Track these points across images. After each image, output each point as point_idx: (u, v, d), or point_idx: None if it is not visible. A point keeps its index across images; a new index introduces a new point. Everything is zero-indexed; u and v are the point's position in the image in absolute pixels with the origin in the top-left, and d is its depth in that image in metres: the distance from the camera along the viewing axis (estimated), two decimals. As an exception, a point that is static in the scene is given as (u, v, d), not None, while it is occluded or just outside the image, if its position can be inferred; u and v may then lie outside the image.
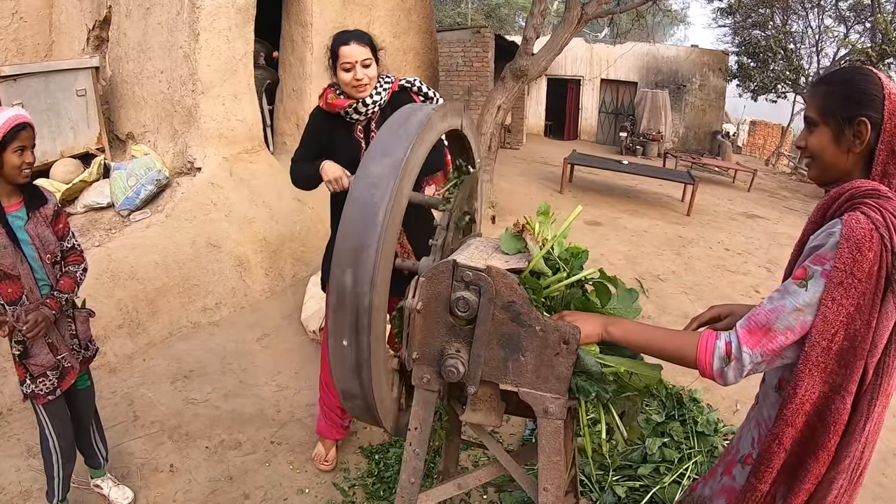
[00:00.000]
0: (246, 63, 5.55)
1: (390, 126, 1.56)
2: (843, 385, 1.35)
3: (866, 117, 1.39)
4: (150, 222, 4.82)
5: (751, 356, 1.38)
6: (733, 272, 7.26)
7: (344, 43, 2.61)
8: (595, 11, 8.14)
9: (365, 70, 2.62)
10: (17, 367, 2.42)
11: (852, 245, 1.29)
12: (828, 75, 1.53)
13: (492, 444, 1.92)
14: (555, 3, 22.51)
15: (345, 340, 1.43)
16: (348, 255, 1.39)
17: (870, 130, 1.40)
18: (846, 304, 1.30)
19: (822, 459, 1.39)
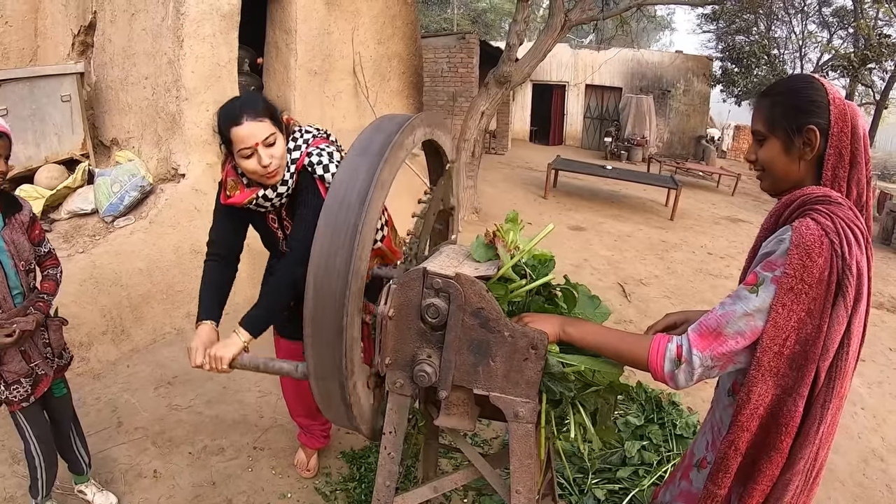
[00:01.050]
0: (230, 70, 5.57)
1: (330, 213, 1.49)
2: (796, 388, 1.37)
3: (814, 125, 1.42)
4: (133, 229, 4.83)
5: (701, 359, 1.41)
6: (716, 276, 7.34)
7: (234, 123, 2.06)
8: (579, 18, 8.23)
9: (270, 150, 2.12)
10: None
11: (802, 251, 1.31)
12: (771, 87, 1.56)
13: (466, 447, 1.96)
14: (540, 10, 22.63)
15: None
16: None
17: (819, 137, 1.42)
18: (797, 309, 1.33)
19: (775, 461, 1.42)
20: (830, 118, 1.42)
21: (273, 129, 2.12)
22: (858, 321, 1.38)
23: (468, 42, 12.91)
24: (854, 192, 1.44)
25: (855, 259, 1.33)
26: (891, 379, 5.10)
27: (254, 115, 2.07)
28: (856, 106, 1.46)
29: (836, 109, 1.42)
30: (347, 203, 1.49)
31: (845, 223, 1.34)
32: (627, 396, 3.86)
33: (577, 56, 20.56)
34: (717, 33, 22.20)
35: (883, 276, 8.36)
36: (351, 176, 1.53)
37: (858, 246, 1.35)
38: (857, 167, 1.43)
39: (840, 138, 1.42)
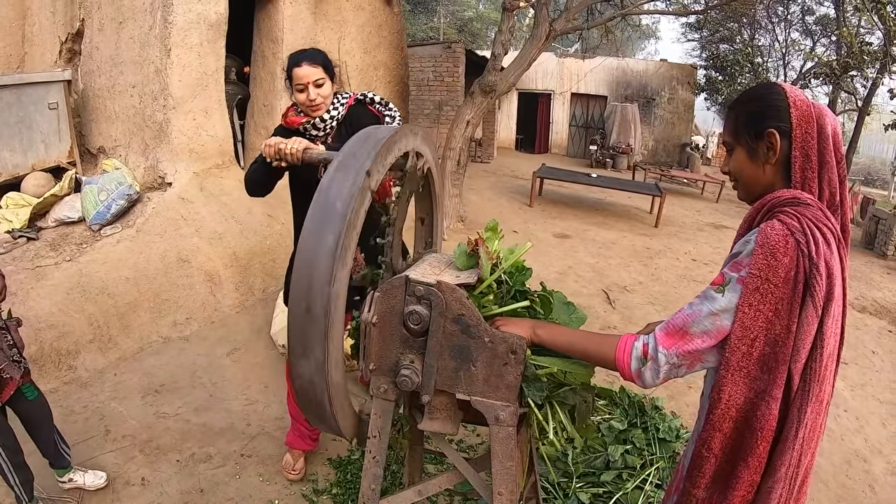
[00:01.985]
0: (217, 78, 5.60)
1: (315, 214, 1.53)
2: (768, 390, 1.37)
3: (774, 128, 1.45)
4: (120, 237, 4.84)
5: (666, 356, 1.44)
6: (700, 282, 7.41)
7: (296, 64, 2.68)
8: (564, 27, 8.31)
9: (318, 90, 2.70)
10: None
11: (767, 251, 1.33)
12: (735, 99, 1.60)
13: (449, 451, 2.00)
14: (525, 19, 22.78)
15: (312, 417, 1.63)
16: (302, 358, 1.52)
17: (780, 140, 1.45)
18: (764, 309, 1.34)
19: (752, 466, 1.40)
20: (792, 120, 1.44)
21: (323, 75, 2.70)
22: (832, 322, 1.37)
23: (454, 51, 13.00)
24: (826, 192, 1.45)
25: (824, 259, 1.34)
26: (873, 381, 5.18)
27: (310, 62, 2.67)
28: (823, 106, 1.48)
29: (797, 111, 1.44)
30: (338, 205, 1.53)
31: (813, 223, 1.36)
32: (611, 401, 3.91)
33: (562, 65, 20.72)
34: (701, 42, 22.46)
35: (866, 279, 8.48)
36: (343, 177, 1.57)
37: (828, 246, 1.36)
38: (827, 167, 1.44)
39: (805, 139, 1.44)
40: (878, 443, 4.23)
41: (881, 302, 7.47)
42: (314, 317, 1.45)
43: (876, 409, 4.69)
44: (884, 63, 13.64)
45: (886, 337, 6.29)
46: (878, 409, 4.70)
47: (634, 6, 10.48)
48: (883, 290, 8.08)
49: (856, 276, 8.63)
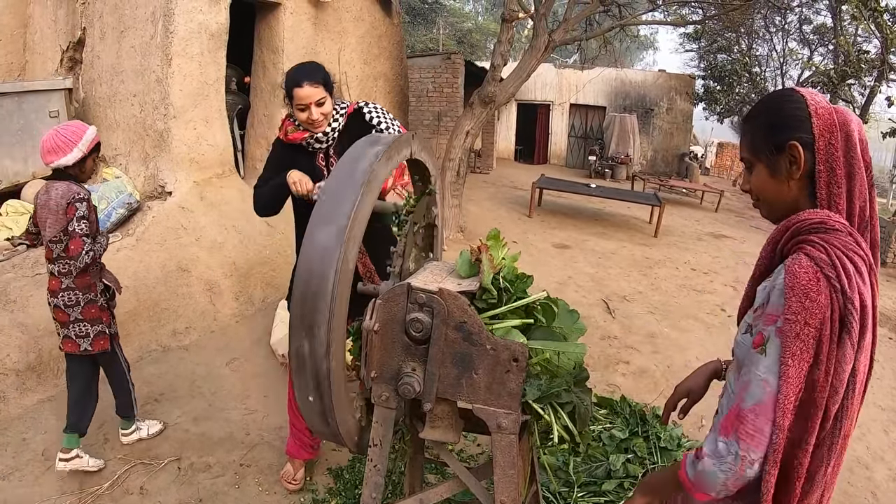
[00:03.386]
0: (218, 88, 5.62)
1: (332, 186, 1.59)
2: (804, 438, 1.26)
3: (796, 140, 1.32)
4: (120, 245, 4.84)
5: (727, 445, 1.28)
6: (699, 291, 7.42)
7: (297, 85, 2.67)
8: (562, 38, 8.35)
9: (319, 109, 2.71)
10: (103, 313, 3.21)
11: (800, 293, 1.20)
12: (751, 110, 1.46)
13: (451, 459, 1.99)
14: (524, 30, 22.87)
15: (310, 397, 1.58)
16: (302, 329, 1.51)
17: (803, 153, 1.31)
18: (806, 357, 1.21)
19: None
20: (814, 131, 1.31)
21: (324, 94, 2.71)
22: (864, 357, 1.27)
23: (453, 62, 13.04)
24: (857, 207, 1.32)
25: (857, 291, 1.22)
26: (874, 388, 5.17)
27: (311, 81, 2.66)
28: (847, 111, 1.34)
29: (819, 120, 1.31)
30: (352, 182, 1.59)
31: (843, 252, 1.23)
32: (612, 410, 3.90)
33: (561, 76, 20.78)
34: (699, 52, 22.52)
35: (863, 290, 8.46)
36: (354, 160, 1.66)
37: (860, 276, 1.23)
38: (856, 178, 1.31)
39: (829, 151, 1.30)
40: (880, 450, 4.22)
41: (881, 309, 7.47)
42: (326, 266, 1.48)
43: (877, 415, 4.68)
44: (881, 71, 13.69)
45: (887, 344, 6.29)
46: (880, 415, 4.69)
47: (632, 17, 10.53)
48: (883, 297, 8.07)
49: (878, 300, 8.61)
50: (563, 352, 1.68)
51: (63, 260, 3.04)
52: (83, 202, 2.98)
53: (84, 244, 2.94)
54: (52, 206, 2.96)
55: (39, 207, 3.02)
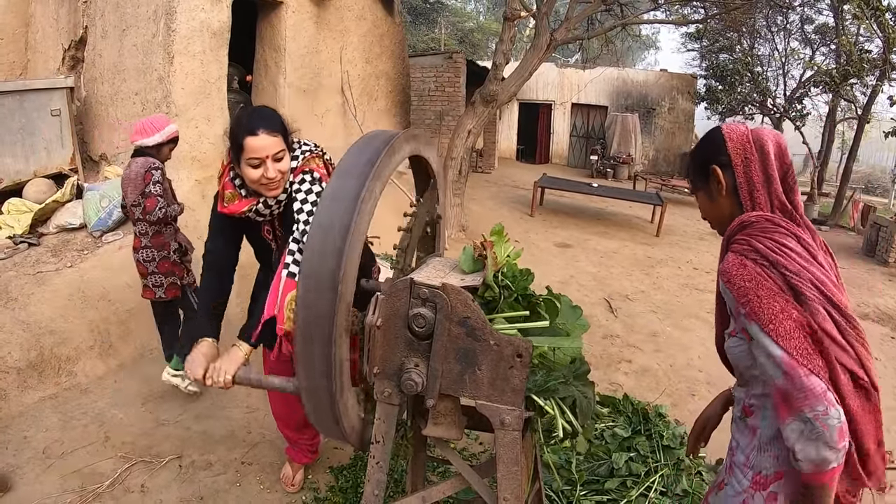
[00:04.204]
0: (220, 87, 5.61)
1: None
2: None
3: (716, 164, 1.58)
4: (122, 244, 4.83)
5: (798, 422, 1.35)
6: (701, 290, 7.41)
7: (250, 133, 2.11)
8: (564, 37, 8.34)
9: (277, 165, 2.18)
10: (176, 267, 3.81)
11: (736, 281, 1.43)
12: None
13: (453, 456, 1.98)
14: (526, 30, 22.87)
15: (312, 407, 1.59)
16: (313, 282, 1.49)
17: (723, 173, 1.58)
18: (780, 312, 1.38)
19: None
20: (729, 152, 1.56)
21: (283, 146, 2.18)
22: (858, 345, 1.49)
23: (455, 61, 13.04)
24: (777, 202, 1.55)
25: (796, 263, 1.43)
26: (875, 389, 5.16)
27: (269, 129, 2.13)
28: (761, 128, 1.60)
29: (732, 143, 1.57)
30: (333, 228, 1.51)
31: (762, 235, 1.47)
32: (614, 409, 3.89)
33: (562, 75, 20.76)
34: (700, 52, 22.47)
35: (868, 287, 8.47)
36: (335, 200, 1.56)
37: (789, 249, 1.45)
38: (773, 182, 1.54)
39: (745, 165, 1.55)
40: (883, 451, 4.21)
41: (883, 309, 7.46)
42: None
43: (880, 416, 4.66)
44: (883, 71, 13.65)
45: (889, 343, 6.27)
46: (883, 415, 4.67)
47: (634, 16, 10.52)
48: (885, 296, 8.06)
49: (857, 283, 8.62)
50: (558, 347, 1.67)
51: (142, 222, 3.67)
52: (158, 170, 3.61)
53: (158, 202, 3.55)
54: (132, 176, 3.60)
55: (123, 179, 3.67)
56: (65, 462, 3.26)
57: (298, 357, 1.55)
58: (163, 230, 3.73)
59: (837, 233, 13.40)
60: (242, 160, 2.16)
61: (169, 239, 3.78)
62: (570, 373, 1.72)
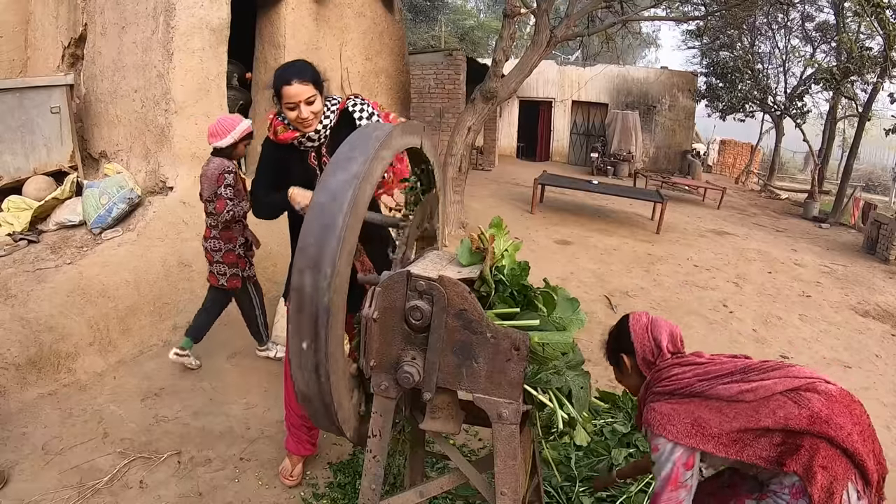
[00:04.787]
0: (219, 83, 5.61)
1: (351, 142, 1.62)
2: None
3: (623, 352, 2.24)
4: (121, 241, 4.83)
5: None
6: (701, 287, 7.40)
7: (286, 83, 2.58)
8: (564, 34, 8.32)
9: (309, 107, 2.62)
10: (240, 260, 4.14)
11: (652, 426, 2.00)
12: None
13: (451, 451, 1.98)
14: (526, 27, 22.84)
15: (304, 343, 1.50)
16: (308, 259, 1.46)
17: (628, 359, 2.23)
18: (691, 429, 1.95)
19: None
20: (633, 342, 2.20)
21: (314, 91, 2.61)
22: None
23: (455, 59, 13.02)
24: (663, 350, 2.18)
25: (678, 379, 2.06)
26: (877, 385, 5.16)
27: (300, 79, 2.57)
28: (658, 320, 2.25)
29: (634, 334, 2.21)
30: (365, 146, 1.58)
31: (656, 383, 2.11)
32: (614, 405, 3.88)
33: (563, 73, 20.73)
34: (701, 49, 22.43)
35: (868, 284, 8.46)
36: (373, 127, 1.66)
37: (672, 374, 2.08)
38: (661, 349, 2.18)
39: (642, 347, 2.19)
40: (883, 446, 4.19)
41: (884, 306, 7.45)
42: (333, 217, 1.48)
43: (880, 412, 4.66)
44: (884, 68, 13.62)
45: (889, 340, 6.27)
46: (882, 412, 4.67)
47: (634, 13, 10.50)
48: (885, 294, 8.06)
49: (858, 280, 8.62)
50: (547, 343, 1.67)
51: (213, 215, 3.98)
52: (231, 174, 3.90)
53: (226, 205, 3.88)
54: (209, 175, 3.88)
55: (201, 175, 3.96)
56: (64, 458, 3.26)
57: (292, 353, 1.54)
58: (231, 226, 4.05)
59: (838, 230, 13.38)
60: (282, 104, 2.64)
61: (237, 234, 4.10)
62: (563, 364, 1.72)
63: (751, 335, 5.99)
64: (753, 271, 8.48)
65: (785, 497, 1.92)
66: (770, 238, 11.42)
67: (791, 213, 15.68)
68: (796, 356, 5.56)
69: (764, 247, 10.27)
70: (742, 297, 7.16)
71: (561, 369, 1.72)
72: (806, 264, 9.36)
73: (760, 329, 6.20)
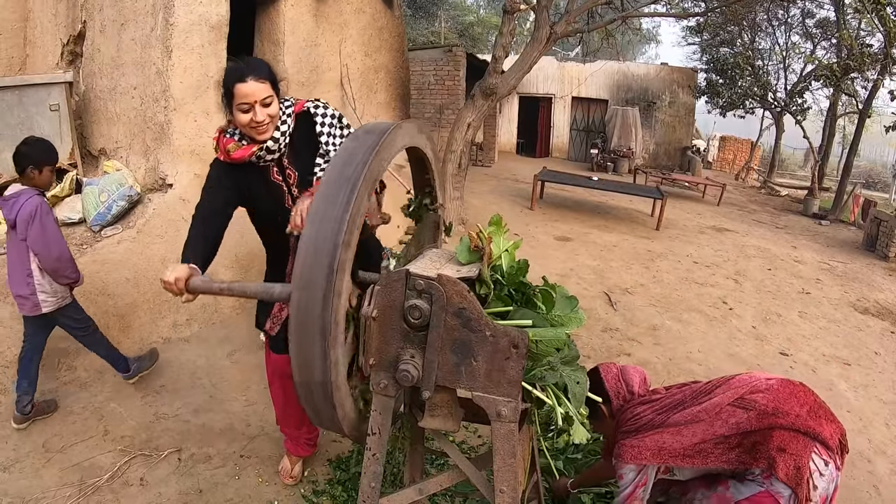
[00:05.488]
0: (218, 81, 5.59)
1: (334, 169, 1.54)
2: None
3: (600, 404, 2.43)
4: (121, 238, 4.83)
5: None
6: (701, 284, 7.41)
7: (239, 80, 2.29)
8: (564, 30, 8.31)
9: (266, 110, 2.33)
10: None
11: (622, 460, 2.33)
12: None
13: (450, 448, 1.98)
14: (526, 23, 22.81)
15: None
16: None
17: (605, 407, 2.49)
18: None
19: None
20: (608, 391, 2.49)
21: (271, 92, 2.34)
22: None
23: (455, 55, 13.01)
24: (636, 394, 2.50)
25: (642, 417, 2.40)
26: (876, 382, 5.16)
27: (256, 76, 2.30)
28: (629, 368, 2.57)
29: (608, 383, 2.51)
30: (329, 218, 1.50)
31: (625, 423, 2.43)
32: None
33: (563, 69, 20.71)
34: (701, 45, 22.42)
35: (868, 281, 8.47)
36: (331, 197, 1.53)
37: (636, 413, 2.42)
38: (633, 393, 2.50)
39: (617, 395, 2.50)
40: (882, 443, 4.21)
41: (883, 303, 7.46)
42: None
43: (879, 409, 4.67)
44: (884, 65, 13.61)
45: (889, 338, 6.28)
46: (882, 409, 4.68)
47: (634, 9, 10.48)
48: (885, 291, 8.07)
49: (858, 277, 8.62)
50: (540, 339, 1.67)
51: None
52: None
53: None
54: None
55: None
56: (64, 456, 3.26)
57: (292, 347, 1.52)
58: None
59: (838, 227, 13.38)
60: (234, 106, 2.32)
61: None
62: (558, 359, 1.72)
63: (750, 332, 6.00)
64: (753, 268, 8.49)
65: (759, 479, 2.18)
66: (770, 235, 11.42)
67: (791, 209, 15.68)
68: (795, 353, 5.57)
69: (764, 243, 10.28)
70: (742, 294, 7.16)
71: (555, 365, 1.72)
72: (806, 261, 9.37)
73: (760, 326, 6.21)
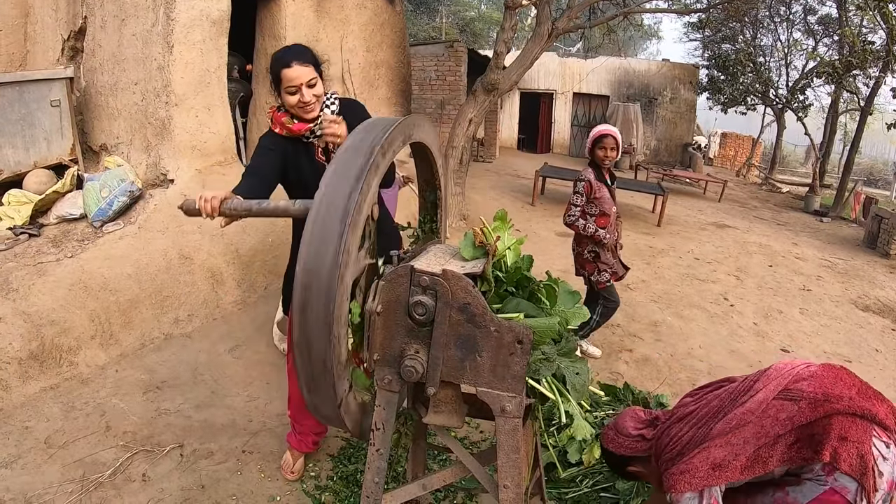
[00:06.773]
0: (220, 76, 5.59)
1: (337, 168, 1.54)
2: None
3: (628, 466, 2.30)
4: (122, 234, 4.82)
5: None
6: (702, 280, 7.40)
7: (285, 65, 2.51)
8: (566, 26, 8.30)
9: (311, 90, 2.55)
10: (588, 265, 4.63)
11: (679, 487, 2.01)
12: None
13: (454, 444, 1.98)
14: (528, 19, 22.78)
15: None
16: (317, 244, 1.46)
17: (636, 464, 2.27)
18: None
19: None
20: (623, 454, 2.28)
21: (315, 74, 2.56)
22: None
23: (456, 50, 12.99)
24: (650, 432, 2.25)
25: (679, 440, 2.09)
26: (877, 379, 5.15)
27: (300, 61, 2.52)
28: (617, 421, 2.34)
29: (616, 447, 2.30)
30: (334, 209, 1.48)
31: (668, 445, 2.11)
32: (615, 397, 3.89)
33: (564, 64, 20.69)
34: (703, 42, 22.40)
35: (869, 279, 8.47)
36: (338, 186, 1.52)
37: (673, 434, 2.11)
38: (637, 434, 2.28)
39: (631, 449, 2.26)
40: (883, 441, 4.21)
41: (884, 301, 7.46)
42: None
43: (880, 407, 4.66)
44: (886, 62, 13.58)
45: (889, 335, 6.27)
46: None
47: (636, 5, 10.47)
48: (886, 288, 8.06)
49: (859, 275, 8.62)
50: (535, 329, 1.66)
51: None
52: (581, 182, 4.49)
53: (569, 209, 4.51)
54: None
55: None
56: (66, 452, 3.26)
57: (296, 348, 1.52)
58: (577, 230, 4.55)
59: (839, 224, 13.37)
60: (282, 90, 2.55)
61: (586, 239, 4.59)
62: (554, 351, 1.72)
63: (751, 328, 5.99)
64: (754, 264, 8.49)
65: (821, 477, 1.93)
66: (771, 231, 11.41)
67: (792, 206, 15.67)
68: (797, 350, 5.57)
69: (765, 240, 10.27)
70: (743, 291, 7.16)
71: (551, 356, 1.72)
72: (807, 258, 9.36)
73: (761, 323, 6.20)
